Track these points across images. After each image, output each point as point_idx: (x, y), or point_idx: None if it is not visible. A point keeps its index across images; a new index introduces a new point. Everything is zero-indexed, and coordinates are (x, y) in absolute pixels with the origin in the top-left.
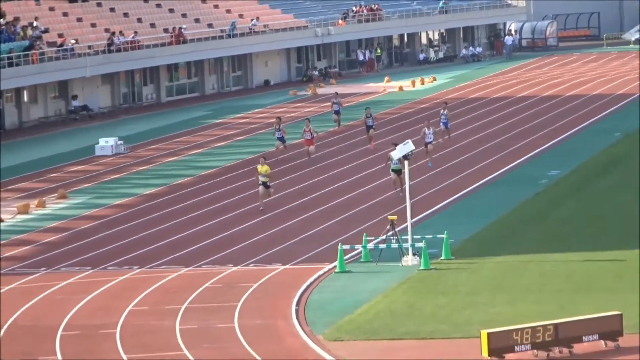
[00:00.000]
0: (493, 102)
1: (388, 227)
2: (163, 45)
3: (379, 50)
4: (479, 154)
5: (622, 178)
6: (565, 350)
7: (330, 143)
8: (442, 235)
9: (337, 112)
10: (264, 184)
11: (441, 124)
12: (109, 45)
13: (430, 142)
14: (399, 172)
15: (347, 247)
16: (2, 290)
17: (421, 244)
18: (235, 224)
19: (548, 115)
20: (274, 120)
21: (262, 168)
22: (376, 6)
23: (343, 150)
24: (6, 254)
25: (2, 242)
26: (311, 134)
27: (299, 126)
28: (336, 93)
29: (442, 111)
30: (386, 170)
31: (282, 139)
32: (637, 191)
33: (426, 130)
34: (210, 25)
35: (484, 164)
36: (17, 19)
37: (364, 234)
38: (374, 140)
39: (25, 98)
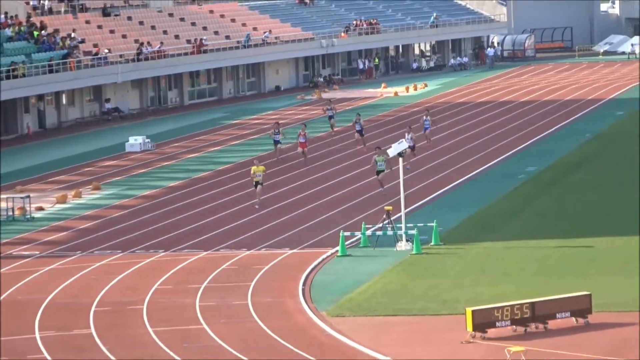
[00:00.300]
0: (477, 107)
1: (384, 216)
2: (186, 54)
3: (376, 60)
4: (464, 152)
5: (591, 174)
6: (540, 326)
7: (329, 143)
8: (432, 224)
9: (331, 117)
10: (257, 183)
11: (424, 129)
12: (138, 54)
13: (411, 147)
14: (382, 172)
15: (347, 233)
16: (42, 271)
17: (413, 232)
18: (248, 213)
19: (526, 118)
20: (273, 124)
21: (258, 168)
22: (374, 20)
23: (341, 149)
24: (46, 239)
25: (43, 228)
26: (305, 137)
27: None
28: (329, 100)
29: (424, 117)
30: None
31: (278, 142)
32: (604, 186)
33: (406, 135)
34: (227, 37)
35: (469, 161)
36: (56, 31)
37: (363, 222)
38: (363, 143)
39: (64, 101)
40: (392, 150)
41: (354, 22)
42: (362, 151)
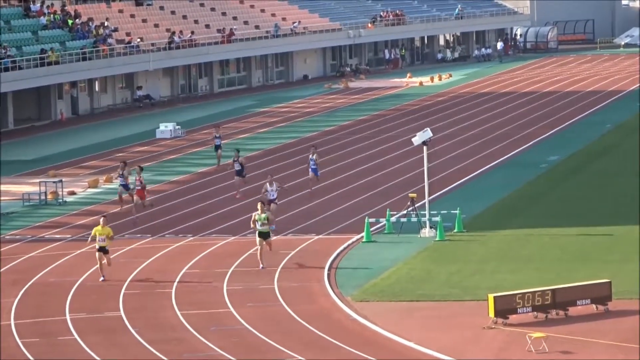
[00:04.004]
0: (501, 97)
1: (409, 203)
2: (216, 43)
3: (402, 50)
4: (487, 141)
5: (613, 163)
6: (561, 312)
7: (357, 131)
8: (455, 211)
9: (218, 147)
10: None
11: (310, 170)
12: (170, 43)
13: (273, 200)
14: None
15: (372, 220)
16: (73, 254)
17: (437, 219)
18: (277, 198)
19: (548, 108)
20: (120, 164)
21: (103, 230)
22: (400, 12)
23: (364, 138)
24: (77, 223)
25: (74, 212)
26: (141, 183)
27: (332, 115)
28: (218, 127)
29: (310, 156)
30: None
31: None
32: (625, 175)
33: (268, 186)
34: (257, 27)
35: (492, 150)
36: (90, 19)
37: (388, 209)
38: (241, 186)
39: (97, 88)
40: (417, 139)
41: (381, 13)
42: (235, 198)
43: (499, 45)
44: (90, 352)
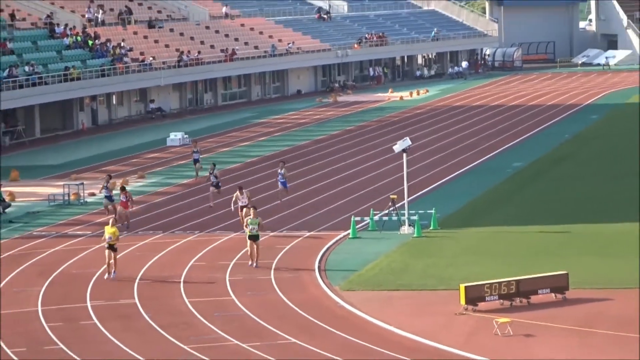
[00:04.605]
0: (472, 110)
1: (390, 204)
2: (220, 62)
3: (385, 68)
4: (460, 149)
5: (570, 169)
6: (524, 300)
7: (344, 140)
8: (431, 211)
9: (196, 161)
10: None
11: (279, 183)
12: (179, 61)
13: (245, 206)
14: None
15: (358, 219)
16: (93, 248)
17: (415, 217)
18: (271, 200)
19: (513, 120)
20: (105, 176)
21: (111, 229)
22: (383, 34)
23: (351, 146)
24: (97, 220)
25: (94, 211)
26: (127, 197)
27: (323, 125)
28: (195, 141)
29: (279, 170)
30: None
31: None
32: (581, 179)
33: (238, 194)
34: (256, 47)
35: (464, 157)
36: (108, 40)
37: (371, 209)
38: (215, 196)
39: (114, 101)
40: (397, 147)
41: (366, 35)
42: (210, 208)
43: (464, 64)
44: (109, 335)
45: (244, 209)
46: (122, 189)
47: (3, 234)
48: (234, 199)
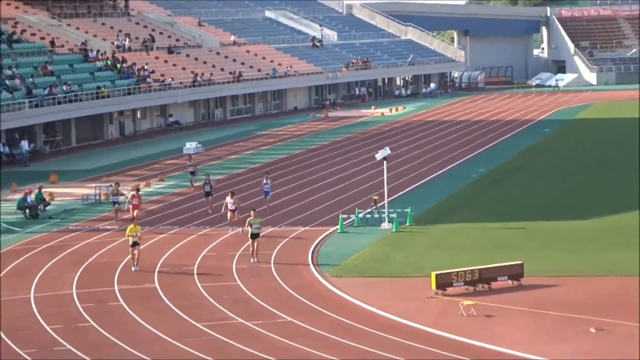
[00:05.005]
0: (442, 124)
1: (372, 204)
2: (229, 82)
3: (368, 88)
4: (432, 157)
5: (525, 175)
6: (486, 286)
7: (334, 149)
8: (407, 210)
9: (192, 173)
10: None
11: (264, 192)
12: (194, 82)
13: (233, 209)
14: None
15: (345, 216)
16: (120, 241)
17: (393, 215)
18: (272, 199)
19: (477, 133)
20: (114, 185)
21: (135, 228)
22: (367, 60)
23: (339, 154)
24: (123, 217)
25: (122, 209)
26: (139, 199)
27: (316, 137)
28: (190, 156)
29: (264, 180)
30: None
31: (117, 203)
32: (535, 184)
33: (228, 199)
34: (259, 70)
35: (435, 164)
36: (134, 64)
37: (356, 208)
38: (210, 205)
39: (138, 115)
40: (379, 155)
41: (352, 61)
42: (209, 213)
43: (432, 85)
44: (133, 314)
45: (234, 212)
46: (137, 190)
47: (44, 228)
48: (225, 202)
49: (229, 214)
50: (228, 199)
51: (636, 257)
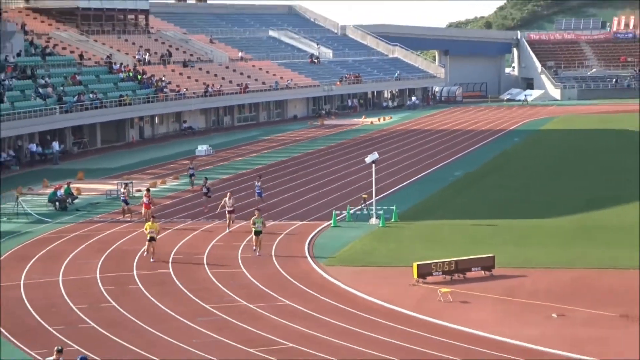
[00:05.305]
0: (424, 132)
1: (362, 202)
2: (236, 93)
3: (360, 100)
4: (415, 162)
5: (497, 177)
6: (461, 275)
7: (328, 153)
8: (392, 207)
9: (192, 176)
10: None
11: (256, 193)
12: (205, 92)
13: (231, 210)
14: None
15: (338, 212)
16: (138, 231)
17: (381, 212)
18: (273, 197)
19: (455, 140)
20: (118, 184)
21: (152, 225)
22: (358, 75)
23: (336, 157)
24: (141, 210)
25: (140, 203)
26: (149, 199)
27: (313, 142)
28: (191, 160)
29: (256, 183)
30: None
31: (125, 201)
32: (506, 186)
33: (227, 200)
34: (263, 83)
35: (418, 167)
36: (152, 75)
37: (348, 205)
38: (206, 205)
39: (156, 121)
40: (368, 159)
41: (346, 75)
42: (204, 212)
43: (413, 98)
44: (150, 296)
45: (232, 213)
46: (147, 190)
47: (72, 219)
48: (222, 203)
49: (227, 214)
50: (226, 200)
51: (593, 251)
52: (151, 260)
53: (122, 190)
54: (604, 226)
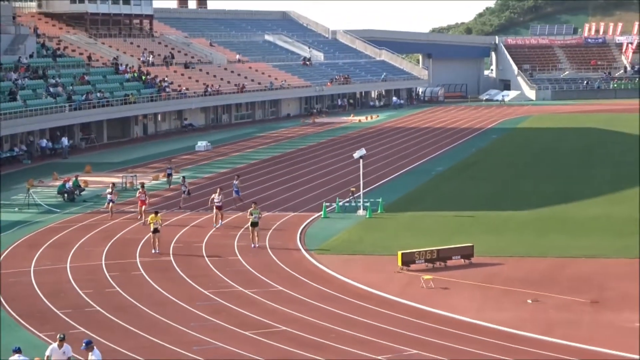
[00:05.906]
0: (409, 129)
1: (350, 194)
2: (234, 93)
3: (349, 100)
4: (400, 157)
5: (476, 171)
6: (442, 263)
7: (319, 148)
8: (378, 200)
9: (169, 175)
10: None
11: (233, 192)
12: (205, 92)
13: (219, 205)
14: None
15: (328, 204)
16: (141, 221)
17: (367, 204)
18: (267, 189)
19: (438, 137)
20: (110, 185)
21: (155, 217)
22: (348, 76)
23: (326, 152)
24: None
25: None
26: (145, 195)
27: (305, 138)
28: (170, 160)
29: (234, 182)
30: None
31: (111, 201)
32: (484, 179)
33: (215, 196)
34: (259, 83)
35: (402, 162)
36: (156, 76)
37: (337, 197)
38: (181, 205)
39: (159, 118)
40: (356, 154)
41: (336, 77)
42: (180, 209)
43: (394, 99)
44: (152, 282)
45: (220, 209)
46: (142, 185)
47: (79, 209)
48: (211, 197)
49: (214, 209)
50: (214, 196)
51: (565, 241)
52: (157, 251)
53: (108, 190)
54: (574, 217)
